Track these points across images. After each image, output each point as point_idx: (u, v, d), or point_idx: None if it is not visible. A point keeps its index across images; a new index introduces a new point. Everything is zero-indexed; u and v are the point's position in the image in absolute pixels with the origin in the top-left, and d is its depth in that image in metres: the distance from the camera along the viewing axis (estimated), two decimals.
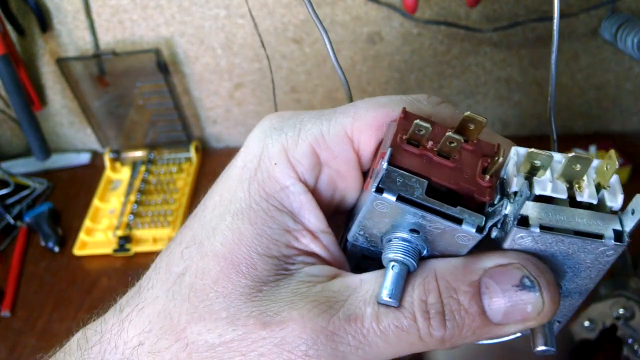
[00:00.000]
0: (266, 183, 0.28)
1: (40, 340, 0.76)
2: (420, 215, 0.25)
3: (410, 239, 0.26)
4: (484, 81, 0.90)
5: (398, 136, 0.26)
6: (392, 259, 0.26)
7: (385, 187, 0.25)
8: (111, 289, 0.84)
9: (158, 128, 0.98)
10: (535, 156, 0.25)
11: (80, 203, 0.94)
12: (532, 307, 0.25)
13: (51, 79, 0.94)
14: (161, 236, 0.87)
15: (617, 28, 0.76)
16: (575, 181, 0.26)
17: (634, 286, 0.68)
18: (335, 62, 0.33)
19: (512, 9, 0.80)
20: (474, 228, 0.25)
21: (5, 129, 1.02)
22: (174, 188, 0.94)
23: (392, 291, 0.25)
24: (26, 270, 0.86)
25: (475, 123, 0.26)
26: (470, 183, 0.26)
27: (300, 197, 0.28)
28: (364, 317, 0.25)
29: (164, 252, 0.30)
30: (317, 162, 0.29)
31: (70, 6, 0.84)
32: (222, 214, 0.28)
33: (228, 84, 0.93)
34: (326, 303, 0.25)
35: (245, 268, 0.26)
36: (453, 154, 0.26)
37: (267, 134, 0.29)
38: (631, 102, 0.91)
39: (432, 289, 0.25)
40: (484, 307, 0.25)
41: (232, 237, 0.27)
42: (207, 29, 0.86)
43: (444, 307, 0.25)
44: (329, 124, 0.29)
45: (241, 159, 0.29)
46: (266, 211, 0.28)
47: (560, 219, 0.25)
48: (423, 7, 0.80)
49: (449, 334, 0.25)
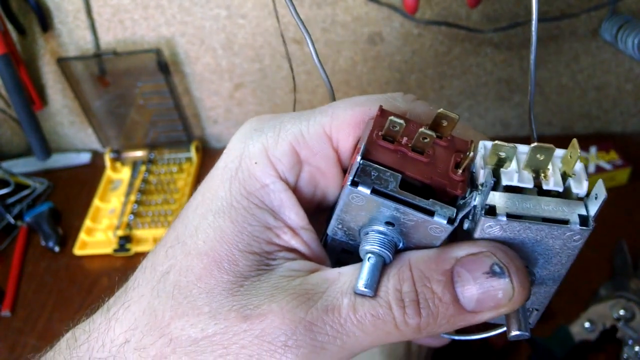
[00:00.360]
0: (247, 182, 0.29)
1: (41, 340, 0.76)
2: (394, 207, 0.26)
3: (386, 231, 0.27)
4: (485, 82, 0.90)
5: (374, 132, 0.27)
6: (369, 251, 0.27)
7: (360, 180, 0.26)
8: (111, 289, 0.83)
9: (158, 128, 0.98)
10: (500, 148, 0.26)
11: (81, 203, 0.94)
12: (502, 293, 0.25)
13: (52, 79, 0.94)
14: (161, 236, 0.87)
15: (618, 29, 0.76)
16: (541, 170, 0.26)
17: (634, 287, 0.68)
18: (317, 62, 0.34)
19: (512, 10, 0.80)
20: (445, 219, 0.26)
21: (6, 129, 1.02)
22: (175, 188, 0.94)
23: (368, 281, 0.26)
24: (26, 270, 0.86)
25: (448, 119, 0.27)
26: (443, 177, 0.27)
27: (281, 195, 0.29)
28: (341, 308, 0.25)
29: (150, 252, 0.31)
30: (297, 161, 0.29)
31: (71, 6, 0.84)
32: (204, 213, 0.29)
33: (228, 84, 0.93)
34: (305, 295, 0.26)
35: (227, 264, 0.27)
36: (427, 149, 0.27)
37: (248, 135, 0.30)
38: (631, 103, 0.91)
39: (406, 278, 0.26)
40: (457, 295, 0.26)
41: (213, 234, 0.28)
42: (207, 29, 0.86)
43: (418, 296, 0.26)
44: (308, 123, 0.30)
45: (223, 160, 0.30)
46: (247, 209, 0.28)
47: (527, 207, 0.26)
48: (424, 7, 0.80)
49: (424, 322, 0.25)
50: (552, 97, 0.91)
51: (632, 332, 0.64)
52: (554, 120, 0.95)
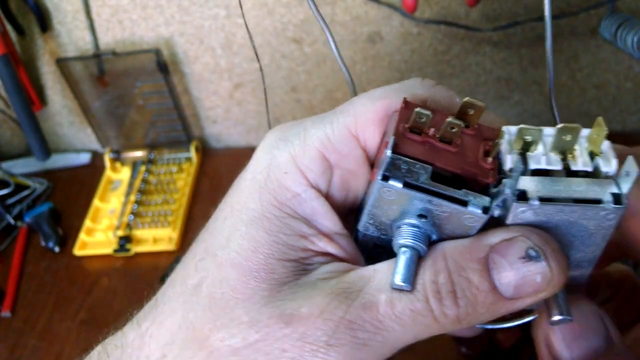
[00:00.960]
0: (277, 192, 0.28)
1: (41, 341, 0.76)
2: (427, 199, 0.26)
3: (419, 224, 0.27)
4: (484, 80, 0.90)
5: (400, 125, 0.27)
6: (403, 245, 0.27)
7: (391, 174, 0.25)
8: (111, 289, 0.84)
9: (158, 128, 0.98)
10: (525, 132, 0.25)
11: (81, 203, 0.94)
12: (541, 277, 0.25)
13: (51, 79, 0.94)
14: (161, 236, 0.87)
15: (617, 27, 0.76)
16: (568, 152, 0.26)
17: None
18: (339, 60, 0.33)
19: (512, 9, 0.80)
20: (479, 209, 0.25)
21: (6, 129, 1.02)
22: (174, 188, 0.94)
23: (405, 275, 0.26)
24: (26, 270, 0.86)
25: (475, 108, 0.27)
26: (473, 166, 0.26)
27: (313, 203, 0.29)
28: (379, 304, 0.25)
29: (179, 266, 0.30)
30: (328, 166, 0.29)
31: (70, 6, 0.84)
32: (235, 225, 0.29)
33: (228, 84, 0.93)
34: (342, 294, 0.26)
35: (263, 273, 0.27)
36: (455, 139, 0.27)
37: (273, 145, 0.30)
38: (631, 102, 0.91)
39: (441, 269, 0.26)
40: (494, 283, 0.25)
41: (247, 245, 0.28)
42: (206, 29, 0.86)
43: (454, 287, 0.25)
44: (332, 126, 0.29)
45: (250, 171, 0.30)
46: (280, 219, 0.28)
47: (558, 189, 0.25)
48: (423, 6, 0.80)
49: (463, 312, 0.25)
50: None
51: None
52: (553, 119, 0.94)
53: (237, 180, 0.31)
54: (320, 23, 0.32)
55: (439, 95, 0.30)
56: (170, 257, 0.85)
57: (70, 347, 0.75)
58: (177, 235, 0.86)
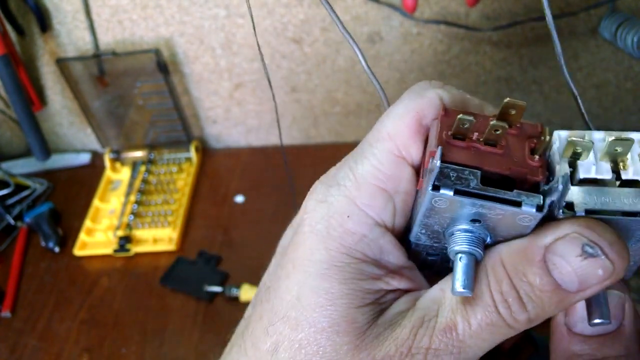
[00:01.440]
0: (343, 238, 0.28)
1: (41, 341, 0.76)
2: (480, 204, 0.26)
3: (472, 229, 0.27)
4: (484, 80, 0.90)
5: (443, 133, 0.27)
6: (459, 251, 0.27)
7: (441, 184, 0.25)
8: (111, 289, 0.84)
9: (158, 128, 0.98)
10: (576, 143, 0.25)
11: (81, 203, 0.94)
12: (602, 270, 0.25)
13: (51, 79, 0.94)
14: (161, 236, 0.87)
15: (617, 27, 0.76)
16: (619, 159, 0.26)
17: (635, 286, 0.68)
18: (371, 76, 0.33)
19: (511, 8, 0.80)
20: (533, 208, 0.25)
21: (5, 129, 1.02)
22: (174, 188, 0.94)
23: (465, 282, 0.26)
24: (26, 270, 0.86)
25: (517, 108, 0.27)
26: (521, 165, 0.26)
27: (380, 242, 0.28)
28: (457, 325, 0.26)
29: (245, 331, 0.30)
30: (388, 197, 0.28)
31: (69, 6, 0.84)
32: (303, 280, 0.28)
33: (228, 84, 0.93)
34: (422, 325, 0.26)
35: (345, 325, 0.27)
36: (499, 140, 0.27)
37: (325, 193, 0.29)
38: (631, 101, 0.91)
39: (502, 277, 0.26)
40: (557, 282, 0.25)
41: (323, 300, 0.27)
42: (206, 29, 0.86)
43: (519, 292, 0.25)
44: (376, 156, 0.29)
45: (307, 224, 0.29)
46: (351, 265, 0.28)
47: (605, 201, 0.25)
48: (423, 6, 0.80)
49: (533, 313, 0.25)
50: (551, 96, 0.91)
51: None
52: (553, 118, 0.95)
53: (293, 236, 0.30)
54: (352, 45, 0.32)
55: (452, 93, 0.30)
56: (171, 257, 0.85)
57: (70, 347, 0.75)
58: (177, 235, 0.86)
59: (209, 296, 0.79)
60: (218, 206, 0.92)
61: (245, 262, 0.83)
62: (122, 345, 0.75)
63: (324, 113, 0.96)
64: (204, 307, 0.78)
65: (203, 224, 0.90)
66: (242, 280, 0.79)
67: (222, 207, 0.92)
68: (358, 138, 1.09)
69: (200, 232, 0.89)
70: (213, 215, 0.91)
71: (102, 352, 0.75)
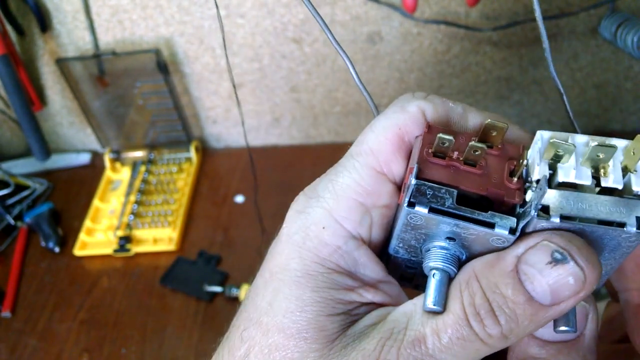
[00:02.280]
0: (318, 249, 0.28)
1: (41, 341, 0.76)
2: (454, 223, 0.26)
3: (448, 246, 0.27)
4: (484, 80, 0.90)
5: (424, 150, 0.27)
6: (433, 267, 0.27)
7: (417, 200, 0.26)
8: (111, 289, 0.84)
9: (158, 128, 0.98)
10: (558, 145, 0.25)
11: (81, 203, 0.94)
12: (573, 278, 0.24)
13: (51, 79, 0.94)
14: (161, 236, 0.87)
15: (617, 27, 0.76)
16: (600, 165, 0.25)
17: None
18: (357, 80, 0.33)
19: (511, 8, 0.80)
20: (506, 230, 0.26)
21: (5, 129, 1.02)
22: (174, 188, 0.94)
23: (436, 298, 0.26)
24: (26, 270, 0.86)
25: (497, 129, 0.27)
26: (499, 187, 0.26)
27: (354, 254, 0.28)
28: (426, 338, 0.25)
29: (225, 338, 0.30)
30: (365, 211, 0.29)
31: (69, 6, 0.84)
32: (277, 288, 0.28)
33: (228, 84, 0.93)
34: (391, 337, 0.26)
35: (313, 332, 0.27)
36: (479, 160, 0.27)
37: (305, 204, 0.29)
38: (631, 101, 0.91)
39: (476, 290, 0.26)
40: (529, 294, 0.25)
41: (293, 306, 0.27)
42: (206, 29, 0.86)
43: (491, 305, 0.25)
44: (357, 171, 0.29)
45: (284, 234, 0.29)
46: (324, 274, 0.28)
47: (582, 208, 0.25)
48: (423, 6, 0.80)
49: (506, 327, 0.25)
50: (551, 96, 0.91)
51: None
52: (553, 118, 0.95)
53: (272, 245, 0.30)
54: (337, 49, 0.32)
55: (435, 104, 0.30)
56: (170, 257, 0.85)
57: (70, 347, 0.75)
58: (177, 235, 0.86)
59: (209, 296, 0.79)
60: (218, 206, 0.92)
61: (245, 262, 0.83)
62: (122, 346, 0.75)
63: (324, 113, 0.96)
64: (204, 307, 0.78)
65: (203, 224, 0.90)
66: (242, 280, 0.79)
67: (222, 207, 0.92)
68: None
69: (200, 232, 0.89)
70: (213, 215, 0.91)
71: (102, 352, 0.75)
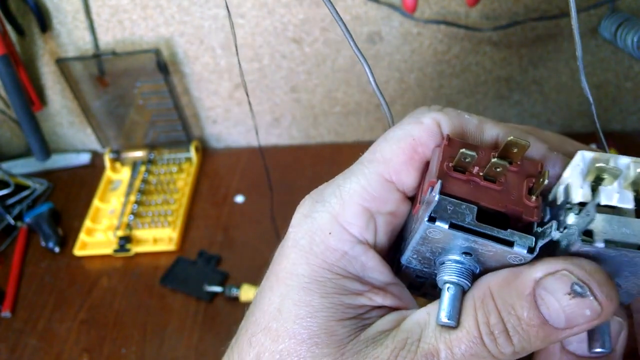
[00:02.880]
0: (325, 254, 0.28)
1: (41, 341, 0.76)
2: (473, 240, 0.26)
3: (463, 260, 0.27)
4: (484, 80, 0.90)
5: (444, 164, 0.27)
6: (447, 281, 0.27)
7: (438, 215, 0.26)
8: (111, 289, 0.84)
9: (158, 128, 0.98)
10: (604, 170, 0.24)
11: (81, 203, 0.94)
12: (590, 311, 0.25)
13: (51, 79, 0.94)
14: (161, 236, 0.87)
15: (617, 27, 0.76)
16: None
17: None
18: (375, 88, 0.33)
19: (511, 8, 0.80)
20: (525, 249, 0.26)
21: (5, 129, 1.02)
22: (174, 188, 0.94)
23: (450, 312, 0.26)
24: (26, 270, 0.86)
25: (519, 147, 0.27)
26: (518, 204, 0.26)
27: (362, 259, 0.29)
28: (440, 352, 0.26)
29: (234, 342, 0.30)
30: (370, 217, 0.29)
31: (69, 6, 0.84)
32: (285, 293, 0.28)
33: (228, 84, 0.93)
34: (404, 347, 0.26)
35: (325, 337, 0.27)
36: (499, 177, 0.27)
37: (311, 209, 0.30)
38: (631, 101, 0.91)
39: (491, 310, 0.26)
40: (544, 317, 0.25)
41: (304, 312, 0.27)
42: (206, 29, 0.86)
43: (506, 325, 0.25)
44: (366, 177, 0.29)
45: (291, 239, 0.29)
46: (332, 280, 0.28)
47: (625, 233, 0.24)
48: (423, 6, 0.80)
49: (519, 346, 0.25)
50: (551, 96, 0.91)
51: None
52: (553, 118, 0.95)
53: (279, 250, 0.30)
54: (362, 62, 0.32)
55: (451, 116, 0.30)
56: (170, 257, 0.85)
57: (70, 347, 0.75)
58: (177, 235, 0.86)
59: (209, 296, 0.79)
60: (218, 206, 0.92)
61: (245, 262, 0.83)
62: (122, 345, 0.75)
63: (324, 113, 0.96)
64: (204, 307, 0.78)
65: (203, 224, 0.90)
66: (242, 280, 0.79)
67: (222, 207, 0.92)
68: (358, 138, 1.08)
69: (200, 232, 0.89)
70: (213, 215, 0.91)
71: (102, 352, 0.75)
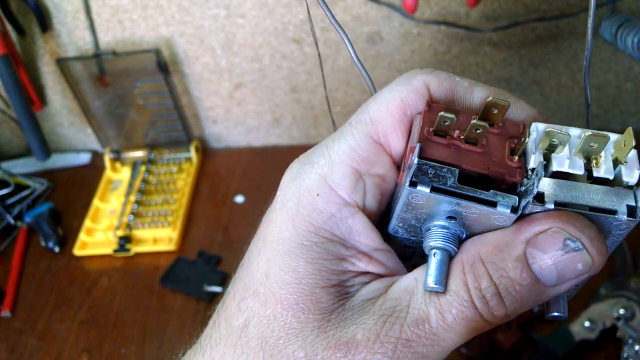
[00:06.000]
0: (312, 216, 0.28)
1: (41, 341, 0.76)
2: (455, 202, 0.26)
3: (448, 225, 0.27)
4: (484, 81, 0.90)
5: (425, 129, 0.27)
6: (433, 247, 0.27)
7: (419, 180, 0.26)
8: (111, 289, 0.84)
9: (158, 128, 0.98)
10: (553, 135, 0.25)
11: (81, 203, 0.94)
12: (582, 265, 0.25)
13: (51, 79, 0.94)
14: (161, 236, 0.87)
15: (617, 28, 0.75)
16: (593, 157, 0.26)
17: (634, 286, 0.68)
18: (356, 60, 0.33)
19: (512, 9, 0.80)
20: (508, 209, 0.26)
21: (5, 129, 1.02)
22: (174, 188, 0.94)
23: (437, 277, 0.26)
24: (26, 270, 0.86)
25: (499, 107, 0.27)
26: (500, 166, 0.26)
27: (349, 222, 0.28)
28: (430, 318, 0.26)
29: (220, 306, 0.30)
30: (359, 178, 0.28)
31: (70, 6, 0.84)
32: (272, 258, 0.28)
33: (228, 84, 0.93)
34: (393, 314, 0.26)
35: (310, 304, 0.27)
36: (480, 139, 0.27)
37: (300, 170, 0.29)
38: (631, 102, 0.91)
39: (482, 274, 0.26)
40: (536, 276, 0.25)
41: (289, 278, 0.27)
42: (207, 29, 0.86)
43: (498, 288, 0.25)
44: (355, 138, 0.29)
45: (278, 201, 0.29)
46: (318, 244, 0.28)
47: (575, 195, 0.25)
48: (423, 6, 0.80)
49: (511, 308, 0.26)
50: (551, 96, 0.91)
51: (632, 331, 0.64)
52: (553, 118, 0.94)
53: (266, 212, 0.30)
54: (337, 29, 0.32)
55: (441, 78, 0.29)
56: (170, 257, 0.85)
57: (70, 347, 0.75)
58: (177, 235, 0.86)
59: (209, 296, 0.79)
60: (218, 206, 0.92)
61: None
62: (122, 345, 0.75)
63: (324, 113, 0.96)
64: (204, 307, 0.78)
65: (203, 224, 0.90)
66: None
67: (222, 207, 0.92)
68: None
69: (200, 232, 0.89)
70: (213, 215, 0.91)
71: (101, 352, 0.75)
